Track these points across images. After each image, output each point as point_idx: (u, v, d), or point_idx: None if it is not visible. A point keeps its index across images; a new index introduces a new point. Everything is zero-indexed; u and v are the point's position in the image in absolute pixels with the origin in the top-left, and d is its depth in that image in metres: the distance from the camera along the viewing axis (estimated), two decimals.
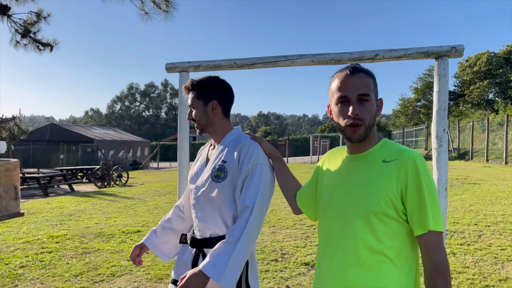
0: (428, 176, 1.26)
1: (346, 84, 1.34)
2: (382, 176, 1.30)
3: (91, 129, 39.14)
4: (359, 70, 1.36)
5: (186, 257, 1.89)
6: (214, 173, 1.76)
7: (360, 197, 1.32)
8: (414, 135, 27.95)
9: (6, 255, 5.19)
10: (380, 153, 1.37)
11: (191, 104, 1.85)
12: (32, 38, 7.26)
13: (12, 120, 20.82)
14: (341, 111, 1.36)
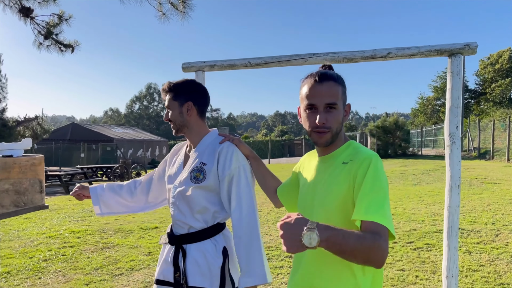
0: (376, 173, 1.28)
1: (314, 93, 1.38)
2: (340, 177, 1.36)
3: (111, 128, 39.82)
4: (328, 78, 1.39)
5: (167, 255, 1.94)
6: (193, 174, 1.84)
7: (322, 198, 1.39)
8: (433, 134, 27.54)
9: (30, 249, 5.39)
10: (342, 155, 1.42)
11: (167, 105, 1.92)
12: (54, 40, 7.47)
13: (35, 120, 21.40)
14: (308, 118, 1.41)
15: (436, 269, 4.16)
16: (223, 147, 1.85)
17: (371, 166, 1.30)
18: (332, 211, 1.35)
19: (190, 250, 1.85)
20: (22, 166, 2.06)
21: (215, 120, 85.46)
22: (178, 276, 1.85)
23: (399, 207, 7.54)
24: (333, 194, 1.36)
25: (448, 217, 3.06)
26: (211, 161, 1.84)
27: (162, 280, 1.92)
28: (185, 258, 1.84)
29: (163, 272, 1.92)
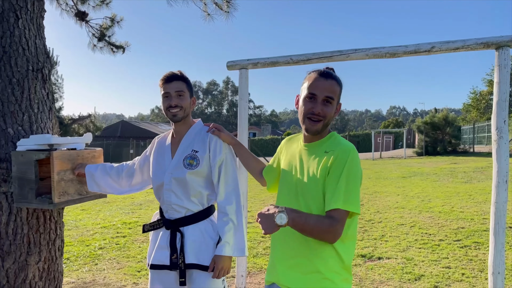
0: (351, 165, 1.49)
1: (317, 85, 1.56)
2: (320, 164, 1.55)
3: (158, 125, 41.13)
4: (331, 76, 1.58)
5: (163, 240, 2.05)
6: (186, 161, 2.02)
7: (307, 180, 1.58)
8: (486, 130, 26.21)
9: (86, 238, 5.78)
10: (325, 145, 1.61)
11: (181, 91, 2.03)
12: (107, 41, 7.88)
13: (88, 118, 22.56)
14: (307, 105, 1.59)
15: (484, 267, 4.05)
16: (210, 135, 2.06)
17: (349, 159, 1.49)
18: (314, 192, 1.54)
19: (188, 232, 2.02)
20: (84, 158, 2.27)
21: (258, 117, 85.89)
22: (174, 258, 1.99)
23: (446, 205, 7.33)
24: (315, 178, 1.54)
25: (495, 213, 3.00)
26: (202, 149, 2.03)
27: (157, 265, 2.05)
28: (182, 240, 2.00)
29: (158, 256, 2.05)
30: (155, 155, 2.18)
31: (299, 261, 1.57)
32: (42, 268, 2.33)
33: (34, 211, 2.26)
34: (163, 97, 2.06)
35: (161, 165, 2.11)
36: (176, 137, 2.14)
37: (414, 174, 12.89)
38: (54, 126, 2.51)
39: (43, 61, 2.40)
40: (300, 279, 1.55)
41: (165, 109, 2.05)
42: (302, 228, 1.42)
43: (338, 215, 1.44)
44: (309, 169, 1.58)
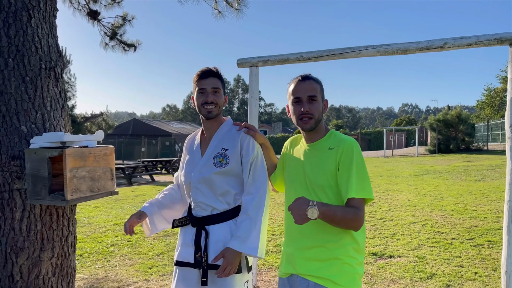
0: (358, 157, 1.68)
1: (298, 88, 1.78)
2: (328, 160, 1.73)
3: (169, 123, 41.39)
4: (308, 78, 1.80)
5: (188, 237, 2.05)
6: (216, 159, 2.01)
7: (315, 176, 1.75)
8: (500, 128, 25.81)
9: (99, 235, 5.85)
10: (327, 143, 1.79)
11: (217, 88, 2.02)
12: (118, 40, 7.94)
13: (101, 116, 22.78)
14: (295, 109, 1.79)
15: (498, 266, 4.00)
16: (243, 134, 2.05)
17: (355, 152, 1.68)
18: (324, 186, 1.72)
19: (213, 231, 1.99)
20: (96, 155, 2.29)
21: (268, 115, 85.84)
22: (199, 256, 1.97)
23: (459, 204, 7.25)
24: (323, 173, 1.73)
25: (508, 211, 2.97)
26: (232, 147, 2.02)
27: (182, 262, 2.05)
28: (207, 239, 1.97)
29: (183, 253, 2.05)
30: (187, 153, 2.19)
31: (318, 250, 1.71)
32: (55, 264, 2.37)
33: (47, 208, 2.30)
34: (197, 92, 2.03)
35: (191, 163, 2.11)
36: (206, 135, 2.13)
37: (427, 172, 12.76)
38: (67, 124, 2.54)
39: (56, 60, 2.43)
40: (320, 267, 1.69)
41: (199, 105, 2.02)
42: (331, 219, 1.60)
43: (357, 203, 1.63)
44: (317, 166, 1.75)
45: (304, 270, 1.72)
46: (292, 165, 1.88)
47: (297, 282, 1.75)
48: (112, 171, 2.43)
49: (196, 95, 2.05)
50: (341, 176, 1.67)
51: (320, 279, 1.67)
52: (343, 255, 1.68)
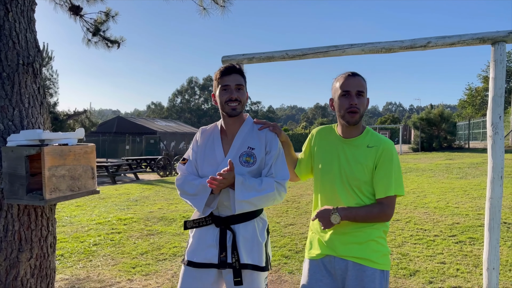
0: (396, 158, 1.88)
1: (349, 83, 1.88)
2: (366, 157, 1.88)
3: (154, 121, 41.02)
4: (358, 74, 1.91)
5: (210, 237, 1.96)
6: (242, 158, 1.96)
7: (353, 171, 1.88)
8: (481, 127, 26.30)
9: (81, 234, 5.75)
10: (364, 140, 1.93)
11: (241, 84, 1.98)
12: (101, 36, 7.81)
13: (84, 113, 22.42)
14: (344, 102, 1.88)
15: (479, 263, 4.06)
16: (267, 133, 2.02)
17: (393, 153, 1.86)
18: (361, 179, 1.87)
19: (239, 230, 1.94)
20: (76, 153, 2.24)
21: (255, 113, 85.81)
22: (224, 256, 1.91)
23: (441, 201, 7.35)
24: (362, 168, 1.87)
25: (490, 209, 3.00)
26: (258, 146, 1.98)
27: (204, 263, 1.95)
28: (235, 238, 1.91)
29: (204, 255, 1.95)
30: (204, 149, 2.07)
31: (355, 234, 1.88)
32: (34, 265, 2.31)
33: (25, 208, 2.23)
34: (221, 89, 1.97)
35: (210, 161, 2.02)
36: (227, 132, 2.05)
37: (410, 170, 12.92)
38: (46, 121, 2.48)
39: (34, 55, 2.37)
40: (358, 249, 1.86)
41: (223, 102, 1.96)
42: (354, 220, 1.84)
43: (390, 200, 1.84)
44: (355, 161, 1.89)
45: (343, 252, 1.88)
46: (327, 157, 1.99)
47: (334, 262, 1.90)
48: (93, 170, 2.38)
49: (219, 92, 1.98)
50: (379, 174, 1.84)
51: (358, 259, 1.85)
52: (377, 236, 1.88)
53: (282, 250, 4.76)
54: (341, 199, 1.91)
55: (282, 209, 7.24)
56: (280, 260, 4.42)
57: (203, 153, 2.06)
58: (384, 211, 1.83)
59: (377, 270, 1.84)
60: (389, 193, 1.82)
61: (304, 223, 6.13)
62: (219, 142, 2.04)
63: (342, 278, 1.88)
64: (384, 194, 1.83)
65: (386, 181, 1.82)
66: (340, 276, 1.89)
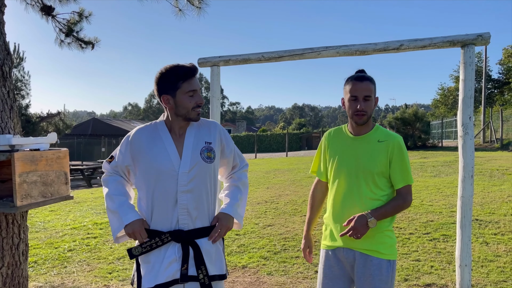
0: (406, 150, 2.06)
1: (356, 88, 2.02)
2: (379, 151, 2.04)
3: (131, 123, 40.42)
4: (366, 79, 2.05)
5: (171, 254, 1.82)
6: (205, 155, 1.85)
7: (366, 164, 2.03)
8: (454, 125, 27.03)
9: (55, 240, 5.62)
10: (375, 136, 2.08)
11: (200, 88, 1.88)
12: (75, 37, 7.64)
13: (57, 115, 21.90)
14: (352, 105, 2.05)
15: (452, 259, 4.17)
16: (216, 125, 2.00)
17: (403, 147, 2.04)
18: (375, 171, 2.02)
19: (202, 243, 1.86)
20: (48, 159, 2.19)
21: (233, 114, 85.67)
22: (185, 269, 1.80)
23: (416, 199, 7.51)
24: (375, 161, 2.02)
25: (461, 207, 3.09)
26: (214, 139, 1.94)
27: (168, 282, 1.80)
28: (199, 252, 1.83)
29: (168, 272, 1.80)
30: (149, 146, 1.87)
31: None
32: (6, 273, 2.24)
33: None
34: (188, 95, 1.81)
35: (163, 160, 1.84)
36: (176, 130, 1.90)
37: None
38: (16, 126, 2.41)
39: (3, 58, 2.30)
40: (363, 241, 1.98)
41: (190, 107, 1.83)
42: (385, 217, 1.99)
43: (408, 189, 2.04)
44: (369, 155, 2.03)
45: (351, 244, 2.01)
46: (340, 154, 2.12)
47: (343, 252, 2.04)
48: (66, 175, 2.33)
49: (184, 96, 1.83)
50: (396, 167, 2.01)
51: (365, 250, 1.99)
52: (384, 228, 2.02)
53: (261, 252, 4.77)
54: (355, 192, 2.04)
55: (260, 210, 7.26)
56: (259, 262, 4.43)
57: (149, 152, 1.86)
58: (406, 200, 2.02)
59: (383, 260, 1.98)
60: (408, 182, 2.02)
61: (283, 224, 6.16)
62: (169, 139, 1.88)
63: (351, 266, 2.04)
64: (403, 184, 2.02)
65: (404, 172, 2.01)
66: (349, 264, 2.04)
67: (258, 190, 9.66)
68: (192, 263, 1.82)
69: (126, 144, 1.93)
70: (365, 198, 2.02)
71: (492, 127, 23.13)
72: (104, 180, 2.00)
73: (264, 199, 8.42)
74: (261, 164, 18.85)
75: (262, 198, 8.54)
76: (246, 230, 5.84)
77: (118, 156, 1.96)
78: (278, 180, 11.55)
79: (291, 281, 3.87)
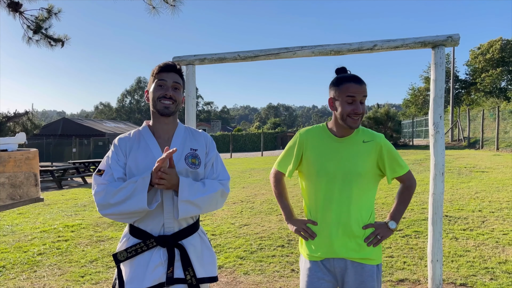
0: (393, 147, 2.04)
1: (356, 89, 1.91)
2: (365, 151, 1.99)
3: (102, 123, 39.60)
4: (363, 82, 1.96)
5: (156, 258, 1.80)
6: (189, 160, 1.83)
7: (354, 166, 1.96)
8: (424, 125, 27.78)
9: (24, 244, 5.43)
10: (359, 137, 2.02)
11: (178, 83, 1.86)
12: (43, 34, 7.43)
13: (25, 115, 21.22)
14: (347, 107, 1.92)
15: (424, 255, 4.28)
16: (204, 134, 1.98)
17: (389, 144, 2.02)
18: (362, 173, 1.96)
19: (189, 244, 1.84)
20: (17, 160, 2.11)
21: (207, 113, 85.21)
22: (170, 272, 1.78)
23: (389, 197, 7.68)
24: (362, 162, 1.96)
25: (433, 203, 3.17)
26: (200, 147, 1.91)
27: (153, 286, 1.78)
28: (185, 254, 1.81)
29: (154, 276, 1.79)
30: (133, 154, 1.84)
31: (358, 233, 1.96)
32: None
33: None
34: (156, 84, 1.82)
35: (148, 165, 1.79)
36: (161, 134, 1.88)
37: None
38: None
39: None
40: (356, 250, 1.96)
41: (156, 98, 1.81)
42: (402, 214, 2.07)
43: (409, 174, 2.06)
44: (355, 156, 1.97)
45: (342, 254, 1.96)
46: (325, 157, 2.02)
47: (334, 262, 1.97)
48: (36, 176, 2.25)
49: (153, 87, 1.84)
50: (390, 160, 2.00)
51: (358, 259, 1.96)
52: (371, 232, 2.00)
53: (237, 251, 4.75)
54: (336, 197, 1.96)
55: (236, 210, 7.24)
56: (235, 261, 4.41)
57: (135, 154, 1.84)
58: (412, 185, 2.07)
59: (374, 266, 1.98)
60: (407, 169, 2.04)
61: (259, 223, 6.16)
62: (155, 143, 1.86)
63: (341, 275, 1.99)
64: (404, 171, 2.03)
65: (401, 162, 2.03)
66: (339, 273, 1.99)
67: (233, 190, 9.64)
68: (179, 265, 1.80)
69: (114, 147, 1.88)
70: (355, 201, 1.95)
71: (460, 126, 23.91)
72: (97, 192, 1.79)
73: (240, 198, 8.41)
74: (237, 163, 18.82)
75: (237, 197, 8.52)
76: (222, 230, 5.82)
77: (111, 161, 1.86)
78: (254, 180, 11.56)
79: (267, 280, 3.88)
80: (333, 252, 1.96)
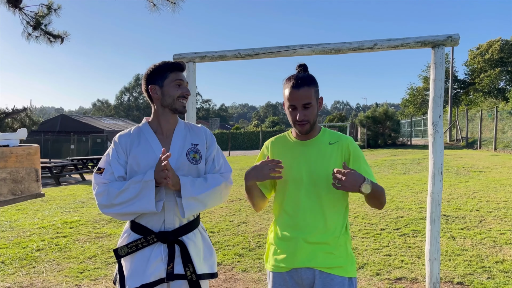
0: (361, 151, 1.88)
1: (293, 96, 1.77)
2: (331, 153, 1.84)
3: (101, 119, 39.56)
4: (303, 84, 1.77)
5: (156, 254, 1.82)
6: (190, 156, 1.86)
7: (320, 168, 1.81)
8: (422, 124, 27.83)
9: (23, 240, 5.44)
10: (324, 138, 1.88)
11: (188, 83, 1.95)
12: (43, 30, 7.41)
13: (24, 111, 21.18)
14: (291, 114, 1.82)
15: (421, 254, 4.30)
16: (204, 129, 2.00)
17: (356, 146, 1.87)
18: (328, 175, 1.76)
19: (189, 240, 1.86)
20: (18, 155, 2.12)
21: (206, 111, 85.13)
22: (171, 268, 1.80)
23: (387, 196, 7.70)
24: (328, 164, 1.80)
25: (431, 202, 3.19)
26: (200, 143, 1.93)
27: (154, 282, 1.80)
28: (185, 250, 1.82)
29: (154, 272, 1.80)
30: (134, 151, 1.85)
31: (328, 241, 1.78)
32: None
33: None
34: (174, 84, 1.85)
35: (150, 162, 1.81)
36: (163, 131, 1.90)
37: None
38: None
39: None
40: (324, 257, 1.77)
41: (175, 97, 1.85)
42: (379, 195, 1.74)
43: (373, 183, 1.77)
44: (321, 159, 1.83)
45: (310, 263, 1.77)
46: (290, 161, 1.87)
47: (301, 272, 1.78)
48: (37, 172, 2.26)
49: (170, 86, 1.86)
50: (355, 165, 1.80)
51: (327, 268, 1.76)
52: (346, 241, 1.83)
53: (236, 249, 4.77)
54: (303, 201, 1.81)
55: (235, 208, 7.26)
56: (233, 259, 4.43)
57: (135, 151, 1.85)
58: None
59: (345, 278, 1.76)
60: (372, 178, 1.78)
61: (257, 221, 6.18)
62: (155, 140, 1.88)
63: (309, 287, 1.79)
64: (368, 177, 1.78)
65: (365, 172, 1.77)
66: (308, 285, 1.79)
67: (232, 188, 9.63)
68: (179, 261, 1.82)
69: (114, 145, 1.89)
70: (325, 204, 1.80)
71: (458, 126, 23.96)
72: (103, 191, 1.79)
73: (238, 196, 8.43)
74: (235, 161, 18.83)
75: (236, 195, 8.54)
76: (221, 227, 5.83)
77: (111, 159, 1.86)
78: None
79: (266, 278, 3.90)
80: (300, 261, 1.77)
